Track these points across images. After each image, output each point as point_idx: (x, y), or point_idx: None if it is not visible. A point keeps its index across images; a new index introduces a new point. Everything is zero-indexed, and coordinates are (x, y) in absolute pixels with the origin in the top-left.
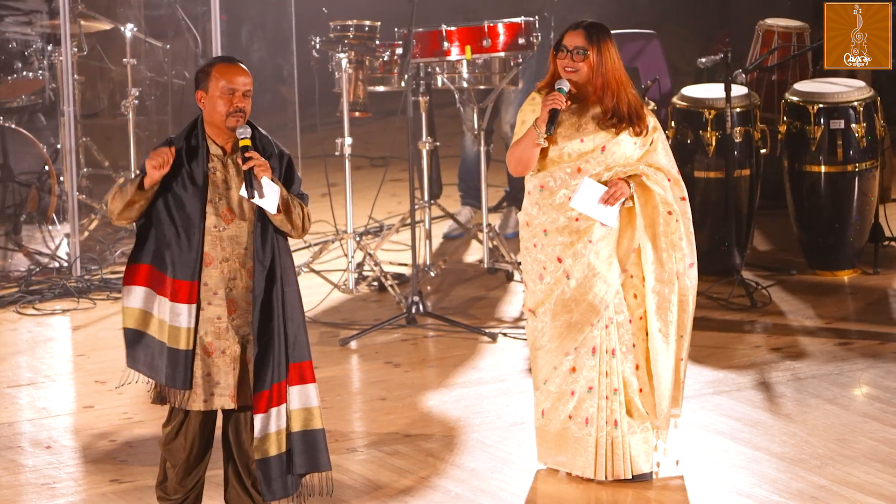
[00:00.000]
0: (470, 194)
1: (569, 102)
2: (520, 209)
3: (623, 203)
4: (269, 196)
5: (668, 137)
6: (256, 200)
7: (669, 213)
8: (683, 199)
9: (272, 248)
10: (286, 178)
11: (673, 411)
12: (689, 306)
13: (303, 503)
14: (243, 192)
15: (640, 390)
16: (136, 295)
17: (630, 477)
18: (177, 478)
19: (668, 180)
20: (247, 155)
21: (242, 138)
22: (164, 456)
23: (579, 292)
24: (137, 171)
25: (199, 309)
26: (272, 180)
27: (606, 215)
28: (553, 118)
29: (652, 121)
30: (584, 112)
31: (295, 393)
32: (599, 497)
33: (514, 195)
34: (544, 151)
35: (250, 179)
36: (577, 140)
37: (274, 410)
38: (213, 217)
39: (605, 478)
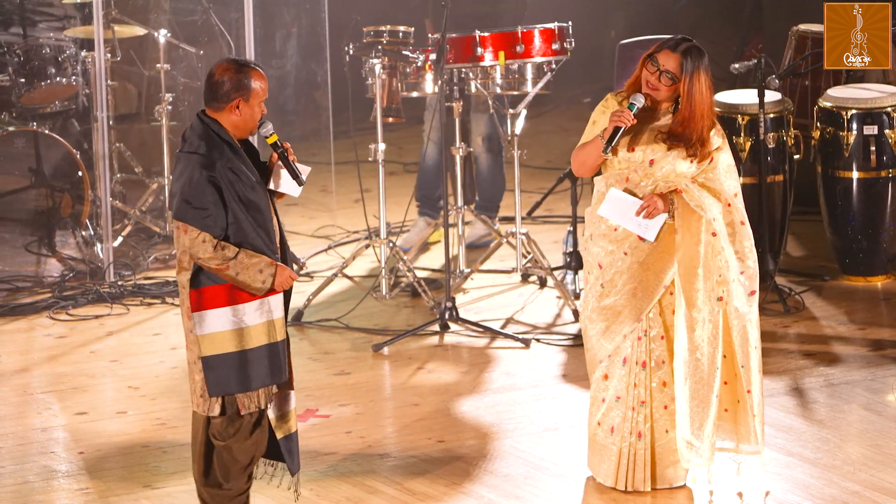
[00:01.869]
0: (427, 204)
1: (635, 121)
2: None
3: (666, 219)
4: (304, 178)
5: None
6: (283, 188)
7: (714, 234)
8: (742, 223)
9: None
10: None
11: (721, 443)
12: (750, 336)
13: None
14: (286, 186)
15: (665, 407)
16: (225, 317)
17: (649, 489)
18: (246, 475)
19: (724, 203)
20: (285, 146)
21: (271, 134)
22: (237, 457)
23: (614, 301)
24: (268, 271)
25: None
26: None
27: (644, 229)
28: (614, 135)
29: (718, 140)
30: (647, 122)
31: None
32: None
33: (481, 204)
34: None
35: (292, 167)
36: (626, 150)
37: (292, 390)
38: None
39: (625, 488)
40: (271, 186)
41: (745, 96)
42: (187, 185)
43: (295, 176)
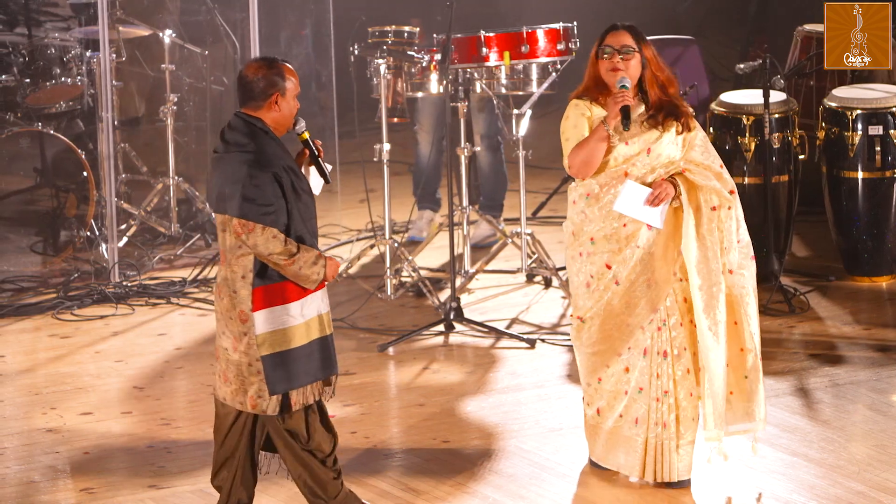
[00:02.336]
0: (426, 199)
1: (635, 97)
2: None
3: (671, 203)
4: (323, 171)
5: None
6: (313, 184)
7: (713, 208)
8: (732, 192)
9: None
10: None
11: (741, 426)
12: (740, 307)
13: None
14: (314, 182)
15: (690, 394)
16: (286, 314)
17: (676, 481)
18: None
19: (714, 176)
20: (317, 144)
21: (304, 131)
22: (320, 457)
23: (630, 296)
24: (320, 262)
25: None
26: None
27: (653, 217)
28: (626, 114)
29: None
30: (631, 115)
31: None
32: None
33: (484, 203)
34: None
35: (321, 166)
36: (622, 144)
37: None
38: None
39: (653, 479)
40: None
41: (750, 97)
42: (248, 184)
43: (322, 174)
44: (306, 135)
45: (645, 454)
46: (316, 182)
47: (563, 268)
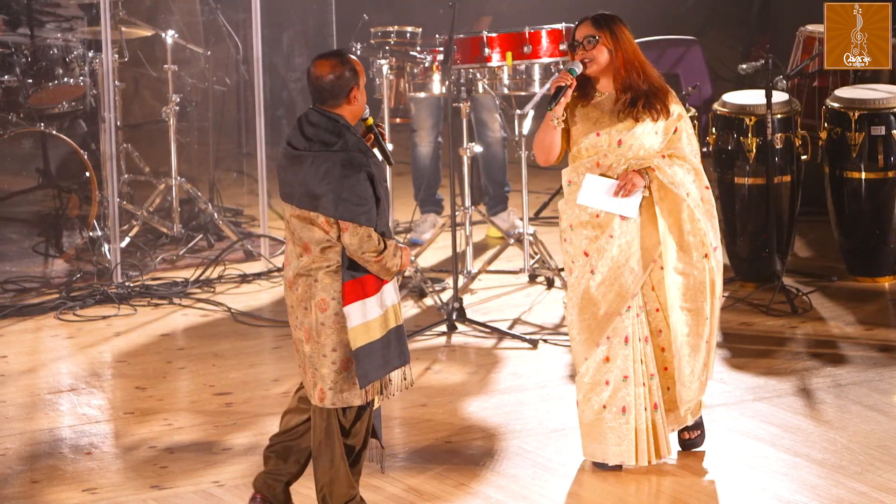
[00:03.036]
0: (429, 201)
1: (574, 82)
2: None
3: (643, 193)
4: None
5: (708, 144)
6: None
7: (689, 194)
8: (707, 187)
9: None
10: None
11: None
12: (717, 288)
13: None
14: None
15: (665, 369)
16: (375, 305)
17: (674, 455)
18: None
19: (693, 171)
20: (381, 128)
21: (369, 117)
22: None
23: (606, 285)
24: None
25: None
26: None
27: (624, 207)
28: (557, 94)
29: (677, 108)
30: (605, 106)
31: None
32: None
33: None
34: (572, 146)
35: (384, 149)
36: (593, 134)
37: None
38: None
39: (649, 462)
40: None
41: (752, 97)
42: (344, 184)
43: (386, 157)
44: (371, 120)
45: (637, 440)
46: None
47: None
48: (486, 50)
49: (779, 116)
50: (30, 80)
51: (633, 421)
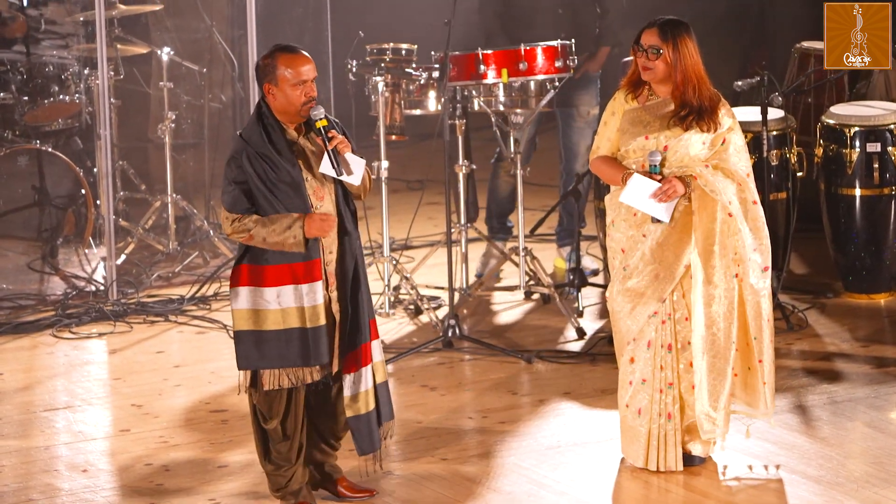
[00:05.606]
0: (498, 228)
1: (677, 188)
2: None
3: (679, 200)
4: (356, 170)
5: None
6: (343, 177)
7: (730, 215)
8: (755, 202)
9: (352, 215)
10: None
11: (742, 407)
12: (763, 310)
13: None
14: (326, 170)
15: (693, 387)
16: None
17: (681, 469)
18: (290, 455)
19: (736, 183)
20: (329, 135)
21: (319, 119)
22: (273, 435)
23: (637, 283)
24: (296, 226)
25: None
26: (353, 153)
27: (658, 211)
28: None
29: (729, 120)
30: (658, 109)
31: (375, 346)
32: None
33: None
34: (621, 146)
35: (336, 158)
36: (641, 137)
37: (364, 370)
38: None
39: (656, 468)
40: (325, 170)
41: (748, 114)
42: (226, 168)
43: (334, 165)
44: (320, 123)
45: (648, 444)
46: (328, 169)
47: (562, 285)
48: (482, 67)
49: (774, 133)
50: (26, 98)
51: (646, 424)
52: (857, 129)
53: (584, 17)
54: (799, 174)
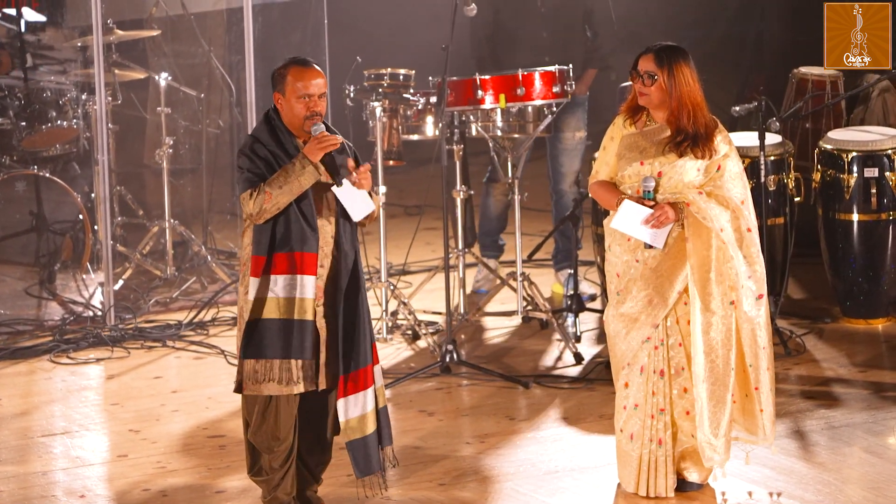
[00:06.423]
0: (489, 246)
1: (667, 211)
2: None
3: (673, 226)
4: (361, 207)
5: None
6: (343, 200)
7: (723, 241)
8: (749, 230)
9: (350, 232)
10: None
11: (742, 434)
12: (758, 338)
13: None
14: (339, 193)
15: (687, 413)
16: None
17: (672, 496)
18: (275, 464)
19: (730, 210)
20: (349, 166)
21: (316, 134)
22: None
23: (631, 308)
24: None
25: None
26: (369, 193)
27: (652, 237)
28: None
29: (725, 147)
30: (655, 135)
31: (377, 371)
32: None
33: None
34: (617, 171)
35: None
36: (637, 162)
37: (366, 393)
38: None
39: (647, 494)
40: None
41: (745, 139)
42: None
43: (347, 200)
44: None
45: (639, 469)
46: (343, 195)
47: (559, 310)
48: (479, 92)
49: (772, 158)
50: (23, 123)
51: (638, 449)
52: (854, 154)
53: (571, 40)
54: (797, 199)
